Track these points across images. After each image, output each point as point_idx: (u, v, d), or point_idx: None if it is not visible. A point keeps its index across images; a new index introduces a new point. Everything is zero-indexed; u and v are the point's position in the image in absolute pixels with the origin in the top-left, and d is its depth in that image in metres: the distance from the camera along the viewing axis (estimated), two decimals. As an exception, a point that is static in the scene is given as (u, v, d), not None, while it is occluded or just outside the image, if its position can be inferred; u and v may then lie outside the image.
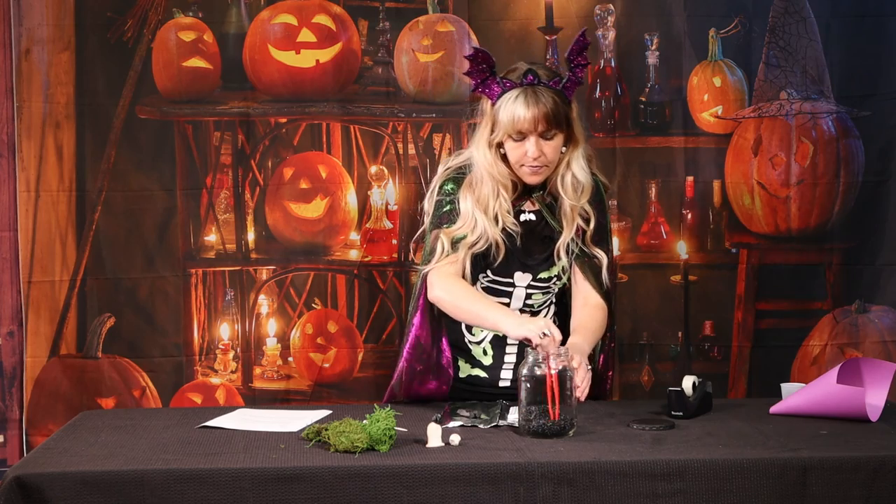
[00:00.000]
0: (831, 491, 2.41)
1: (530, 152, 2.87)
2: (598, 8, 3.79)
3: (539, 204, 2.98)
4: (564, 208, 2.95)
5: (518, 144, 2.89)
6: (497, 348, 3.03)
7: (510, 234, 2.94)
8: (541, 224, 2.98)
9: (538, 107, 2.85)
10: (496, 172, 2.92)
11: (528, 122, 2.86)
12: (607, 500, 2.39)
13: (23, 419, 3.72)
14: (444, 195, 2.97)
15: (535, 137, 2.87)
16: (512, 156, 2.91)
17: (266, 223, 3.80)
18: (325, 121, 3.79)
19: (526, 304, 3.01)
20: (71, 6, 3.70)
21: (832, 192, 3.79)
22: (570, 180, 2.94)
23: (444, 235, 2.93)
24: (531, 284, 2.99)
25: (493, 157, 2.92)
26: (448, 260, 2.92)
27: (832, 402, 2.76)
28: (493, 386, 3.04)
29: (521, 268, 2.98)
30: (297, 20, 3.77)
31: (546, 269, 2.99)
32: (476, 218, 2.91)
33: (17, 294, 3.72)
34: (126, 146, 3.74)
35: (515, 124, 2.86)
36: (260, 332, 3.80)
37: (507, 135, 2.88)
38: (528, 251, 2.98)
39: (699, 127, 3.81)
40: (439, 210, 2.97)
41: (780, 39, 3.78)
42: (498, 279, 2.98)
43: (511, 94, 2.88)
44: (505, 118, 2.87)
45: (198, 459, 2.46)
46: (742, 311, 3.82)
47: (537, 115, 2.85)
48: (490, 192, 2.92)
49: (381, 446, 2.49)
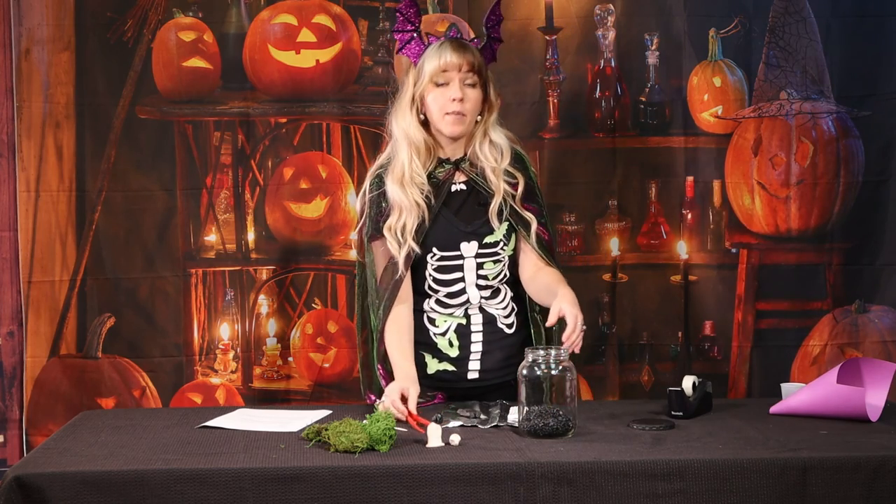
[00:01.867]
0: (831, 491, 2.41)
1: (453, 93, 2.98)
2: (598, 8, 3.79)
3: (467, 174, 3.07)
4: (488, 174, 3.05)
5: (441, 90, 3.01)
6: (462, 337, 3.05)
7: (444, 203, 3.03)
8: (473, 192, 3.06)
9: (464, 52, 3.01)
10: (413, 134, 3.03)
11: (455, 62, 3.00)
12: (607, 500, 2.39)
13: (23, 419, 3.72)
14: (374, 189, 3.06)
15: (459, 80, 2.99)
16: (435, 105, 3.01)
17: (266, 223, 3.80)
18: (325, 121, 3.79)
19: (479, 275, 3.03)
20: (71, 6, 3.70)
21: (832, 192, 3.79)
22: (487, 145, 3.06)
23: (388, 234, 3.01)
24: (479, 252, 3.03)
25: (410, 120, 3.04)
26: (393, 290, 3.01)
27: (832, 402, 2.76)
28: (463, 379, 3.04)
29: (465, 237, 3.04)
30: (297, 20, 3.77)
31: (489, 232, 3.04)
32: (398, 198, 3.01)
33: (17, 294, 3.72)
34: (126, 146, 3.74)
35: (442, 65, 3.00)
36: (260, 332, 3.80)
37: (432, 82, 3.01)
38: (467, 219, 3.04)
39: (699, 127, 3.81)
40: (374, 211, 3.06)
41: (780, 39, 3.78)
42: (446, 254, 3.03)
43: (436, 44, 3.04)
44: (431, 64, 3.01)
45: (198, 459, 2.46)
46: (742, 311, 3.82)
47: (462, 58, 3.00)
48: (405, 158, 3.03)
49: (381, 446, 2.49)
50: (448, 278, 3.04)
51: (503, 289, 3.08)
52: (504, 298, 3.08)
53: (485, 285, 3.05)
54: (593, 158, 3.81)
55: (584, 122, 3.80)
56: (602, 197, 3.81)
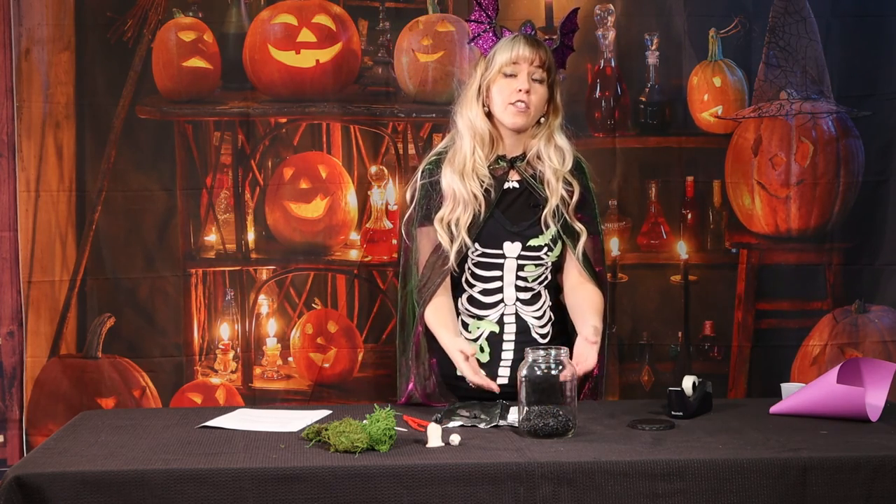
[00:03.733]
0: (831, 491, 2.41)
1: (521, 84, 2.99)
2: (598, 8, 3.79)
3: (522, 175, 3.06)
4: (547, 176, 3.05)
5: (509, 81, 3.02)
6: (494, 345, 3.05)
7: (498, 201, 3.03)
8: (525, 193, 3.06)
9: (538, 48, 3.03)
10: (478, 125, 3.04)
11: (527, 55, 3.01)
12: (607, 500, 2.39)
13: (23, 419, 3.72)
14: (426, 176, 3.07)
15: (527, 73, 3.01)
16: (500, 96, 3.02)
17: (266, 223, 3.80)
18: (325, 121, 3.79)
19: (519, 276, 3.03)
20: (71, 6, 3.71)
21: (832, 192, 3.79)
22: (553, 148, 3.06)
23: (438, 227, 3.01)
24: (522, 255, 3.02)
25: (476, 111, 3.05)
26: (437, 278, 3.01)
27: (832, 402, 2.76)
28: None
29: (510, 237, 3.03)
30: (297, 20, 3.77)
31: (535, 235, 3.03)
32: (455, 189, 3.01)
33: (17, 294, 3.72)
34: (126, 146, 3.74)
35: (513, 57, 3.01)
36: (260, 332, 3.80)
37: (501, 72, 3.01)
38: (515, 219, 3.04)
39: (699, 127, 3.81)
40: (424, 199, 3.06)
41: (780, 39, 3.78)
42: (488, 251, 3.03)
43: (509, 37, 3.06)
44: (503, 55, 3.02)
45: (198, 459, 2.46)
46: (742, 311, 3.82)
47: (535, 52, 3.01)
48: (468, 149, 3.03)
49: (381, 446, 2.49)
50: (487, 275, 3.04)
51: (543, 294, 3.07)
52: (542, 305, 3.07)
53: (524, 287, 3.04)
54: (593, 158, 3.78)
55: (584, 122, 3.80)
56: (602, 197, 3.81)
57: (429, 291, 3.01)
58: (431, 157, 3.10)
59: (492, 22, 3.10)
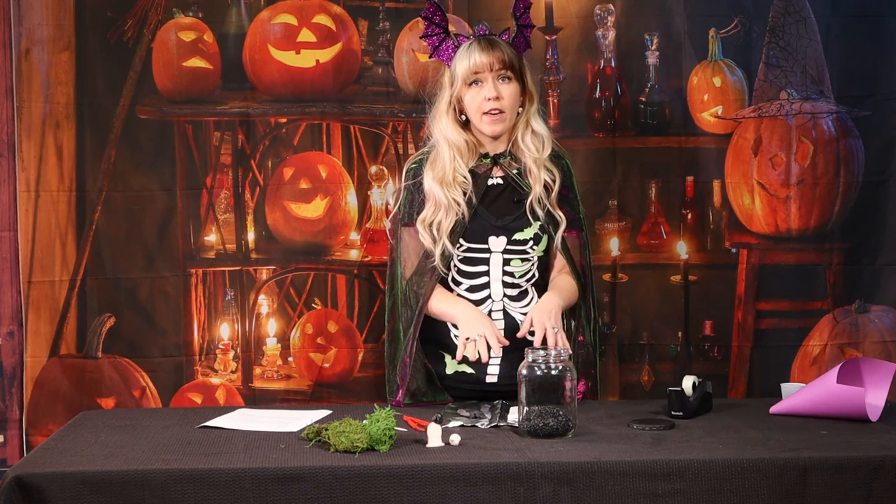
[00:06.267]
0: (831, 491, 2.41)
1: (488, 92, 3.00)
2: (598, 8, 3.79)
3: (505, 170, 3.08)
4: (529, 166, 3.07)
5: (476, 90, 3.03)
6: None
7: (481, 197, 3.04)
8: (509, 188, 3.07)
9: (493, 50, 3.02)
10: (453, 136, 3.06)
11: (485, 62, 3.01)
12: (607, 500, 2.39)
13: (23, 419, 3.72)
14: (410, 177, 3.09)
15: (492, 79, 3.01)
16: (471, 106, 3.04)
17: (266, 223, 3.80)
18: (325, 121, 3.79)
19: (506, 271, 3.03)
20: (71, 6, 3.70)
21: (832, 192, 3.79)
22: (529, 135, 3.08)
23: (421, 228, 3.03)
24: (507, 248, 3.03)
25: (450, 121, 3.06)
26: (424, 273, 3.04)
27: (832, 402, 2.76)
28: (480, 382, 3.05)
29: (495, 231, 3.04)
30: (297, 20, 3.77)
31: (520, 229, 3.04)
32: (436, 195, 3.02)
33: (17, 294, 3.72)
34: (126, 146, 3.74)
35: (472, 67, 3.02)
36: (260, 332, 3.80)
37: (465, 83, 3.03)
38: (499, 213, 3.05)
39: (699, 127, 3.81)
40: (407, 200, 3.08)
41: (780, 39, 3.78)
42: (473, 246, 3.04)
43: (465, 45, 3.06)
44: (462, 66, 3.03)
45: (198, 459, 2.46)
46: (742, 311, 3.82)
47: (492, 56, 3.01)
48: (447, 158, 3.05)
49: (381, 446, 2.49)
50: (473, 270, 3.04)
51: (531, 291, 3.08)
52: (530, 303, 3.07)
53: (511, 283, 3.05)
54: (593, 158, 3.81)
55: (584, 122, 3.80)
56: (602, 197, 3.81)
57: (429, 285, 3.02)
58: (416, 158, 3.13)
59: (444, 31, 3.11)
